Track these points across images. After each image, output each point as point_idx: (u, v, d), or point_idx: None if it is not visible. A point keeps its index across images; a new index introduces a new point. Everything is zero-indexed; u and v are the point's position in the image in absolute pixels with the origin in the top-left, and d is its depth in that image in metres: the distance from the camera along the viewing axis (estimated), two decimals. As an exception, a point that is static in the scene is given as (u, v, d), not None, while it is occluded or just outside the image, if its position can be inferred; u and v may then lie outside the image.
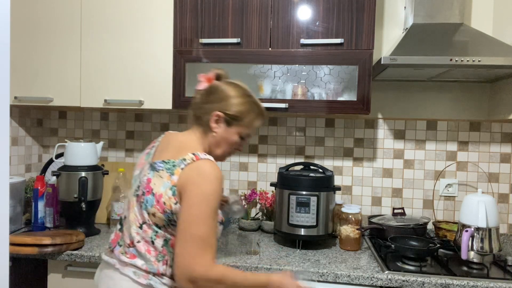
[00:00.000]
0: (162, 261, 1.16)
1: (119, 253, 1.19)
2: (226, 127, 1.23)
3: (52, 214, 1.93)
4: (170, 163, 1.15)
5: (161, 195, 1.13)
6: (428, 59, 1.57)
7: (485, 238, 1.52)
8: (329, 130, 2.12)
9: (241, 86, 1.27)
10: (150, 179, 1.17)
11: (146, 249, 1.15)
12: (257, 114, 1.27)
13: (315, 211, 1.70)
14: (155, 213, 1.14)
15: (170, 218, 1.13)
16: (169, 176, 1.13)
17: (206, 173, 1.10)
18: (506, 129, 2.01)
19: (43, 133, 2.32)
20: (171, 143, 1.24)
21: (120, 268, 1.17)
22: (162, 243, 1.16)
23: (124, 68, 1.87)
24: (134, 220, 1.18)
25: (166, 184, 1.13)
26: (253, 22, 1.78)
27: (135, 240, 1.16)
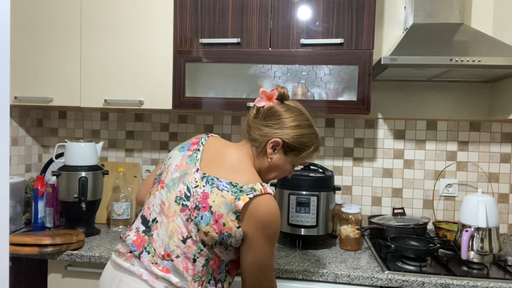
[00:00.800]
0: (199, 282, 1.09)
1: (150, 263, 1.09)
2: (282, 155, 1.19)
3: (52, 214, 1.93)
4: (238, 187, 1.08)
5: (221, 215, 1.06)
6: (428, 59, 1.57)
7: (485, 238, 1.52)
8: (329, 130, 2.12)
9: (304, 114, 1.22)
10: (207, 194, 1.09)
11: (184, 266, 1.08)
12: (316, 147, 1.23)
13: (315, 211, 1.70)
14: (209, 232, 1.07)
15: (224, 241, 1.08)
16: (233, 199, 1.07)
17: (274, 213, 1.12)
18: (506, 129, 2.01)
19: (43, 133, 2.32)
20: (227, 158, 1.16)
21: (149, 280, 1.07)
22: (204, 262, 1.10)
23: (124, 68, 1.87)
24: (176, 231, 1.09)
25: (229, 206, 1.06)
26: (253, 22, 1.78)
27: (173, 254, 1.08)
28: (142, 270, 1.09)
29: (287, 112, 1.19)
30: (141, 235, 1.14)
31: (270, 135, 1.17)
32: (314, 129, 1.23)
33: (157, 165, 2.05)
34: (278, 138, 1.16)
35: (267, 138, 1.17)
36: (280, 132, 1.16)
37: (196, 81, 2.01)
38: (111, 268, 1.17)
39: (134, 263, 1.11)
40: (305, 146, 1.20)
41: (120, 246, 1.18)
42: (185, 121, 2.21)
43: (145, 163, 2.25)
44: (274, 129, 1.17)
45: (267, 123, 1.18)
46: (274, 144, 1.17)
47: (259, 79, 1.95)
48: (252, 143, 1.20)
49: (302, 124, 1.19)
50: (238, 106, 1.81)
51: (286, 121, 1.17)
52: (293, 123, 1.17)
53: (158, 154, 2.24)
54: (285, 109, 1.20)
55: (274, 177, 1.25)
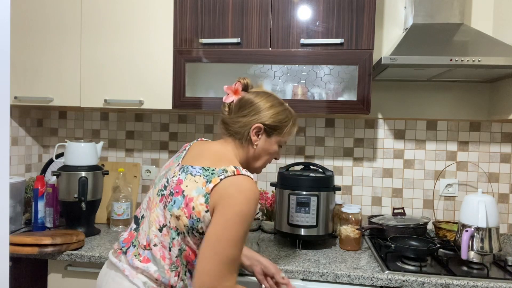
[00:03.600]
0: (175, 272, 1.11)
1: (132, 256, 1.13)
2: (266, 138, 1.23)
3: (52, 214, 1.93)
4: (210, 170, 1.11)
5: (191, 199, 1.08)
6: (428, 59, 1.57)
7: (485, 238, 1.52)
8: (329, 130, 2.12)
9: (273, 94, 1.27)
10: (181, 180, 1.12)
11: (161, 255, 1.11)
12: (294, 121, 1.28)
13: (315, 211, 1.70)
14: (180, 216, 1.09)
15: (194, 226, 1.08)
16: (205, 182, 1.08)
17: (246, 192, 1.07)
18: (506, 129, 2.01)
19: (43, 133, 2.32)
20: (207, 151, 1.20)
21: (129, 275, 1.11)
22: (177, 252, 1.11)
23: (124, 68, 1.87)
24: (155, 220, 1.13)
25: (200, 190, 1.08)
26: (253, 22, 1.78)
27: (152, 243, 1.12)
28: (125, 266, 1.14)
29: (257, 97, 1.23)
30: (132, 233, 1.21)
31: (249, 123, 1.20)
32: (286, 106, 1.28)
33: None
34: (258, 123, 1.20)
35: (248, 127, 1.21)
36: (257, 117, 1.21)
37: (196, 81, 2.02)
38: (106, 265, 1.23)
39: (121, 259, 1.16)
40: (284, 122, 1.24)
41: (116, 244, 1.25)
42: (185, 121, 2.21)
43: (145, 163, 2.25)
44: (251, 116, 1.21)
45: (243, 113, 1.22)
46: (256, 130, 1.21)
47: (259, 79, 1.95)
48: (234, 137, 1.23)
49: (275, 103, 1.24)
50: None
51: (259, 106, 1.22)
52: (267, 105, 1.22)
53: (158, 154, 2.24)
54: (254, 95, 1.24)
55: (265, 162, 1.28)
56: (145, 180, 2.24)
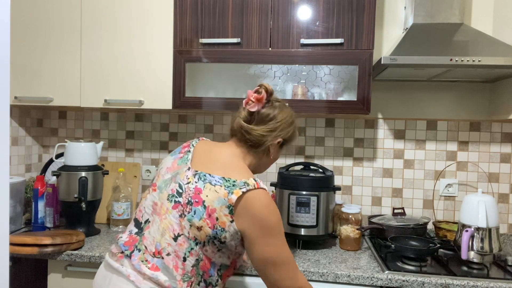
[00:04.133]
0: (188, 282, 1.09)
1: (139, 261, 1.10)
2: (278, 149, 1.29)
3: (52, 214, 1.93)
4: (231, 181, 1.11)
5: (214, 209, 1.08)
6: (428, 59, 1.57)
7: (485, 238, 1.52)
8: (329, 130, 2.12)
9: (289, 109, 1.31)
10: (200, 189, 1.11)
11: (174, 265, 1.08)
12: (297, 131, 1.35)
13: (315, 211, 1.70)
14: (202, 227, 1.08)
15: (218, 235, 1.08)
16: (227, 193, 1.09)
17: (269, 206, 1.12)
18: (506, 129, 2.01)
19: (43, 133, 2.32)
20: (216, 156, 1.20)
21: (135, 281, 1.08)
22: (194, 262, 1.10)
23: (124, 68, 1.87)
24: (168, 228, 1.10)
25: (222, 201, 1.08)
26: (253, 22, 1.78)
27: (164, 252, 1.09)
28: (130, 271, 1.10)
29: (281, 113, 1.26)
30: (133, 236, 1.16)
31: (272, 137, 1.24)
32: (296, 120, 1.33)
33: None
34: (280, 139, 1.25)
35: (269, 141, 1.23)
36: (281, 133, 1.25)
37: (196, 81, 2.02)
38: (103, 268, 1.19)
39: (124, 264, 1.12)
40: (294, 135, 1.31)
41: (113, 247, 1.19)
42: (185, 121, 2.21)
43: (145, 163, 2.25)
44: (276, 131, 1.24)
45: (268, 128, 1.23)
46: (278, 143, 1.26)
47: (259, 79, 1.95)
48: (249, 144, 1.24)
49: (294, 120, 1.30)
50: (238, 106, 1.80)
51: (284, 122, 1.25)
52: (289, 121, 1.27)
53: (158, 154, 2.24)
54: (278, 110, 1.26)
55: (269, 167, 1.35)
56: (145, 180, 2.24)
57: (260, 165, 1.29)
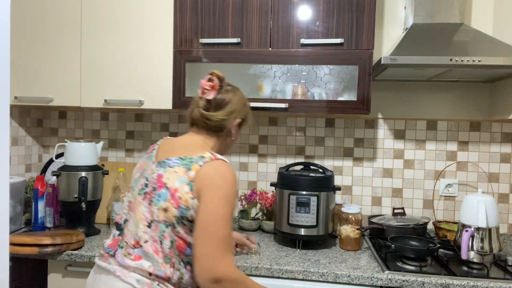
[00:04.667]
0: (170, 263, 1.13)
1: (122, 256, 1.15)
2: (238, 130, 1.34)
3: (52, 214, 1.93)
4: (187, 159, 1.16)
5: (176, 189, 1.12)
6: (428, 59, 1.57)
7: (485, 238, 1.52)
8: (329, 130, 2.12)
9: (240, 90, 1.37)
10: (161, 175, 1.16)
11: (154, 250, 1.13)
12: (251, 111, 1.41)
13: (315, 211, 1.70)
14: (168, 208, 1.12)
15: (183, 215, 1.12)
16: (185, 171, 1.14)
17: (227, 175, 1.14)
18: (506, 129, 2.01)
19: (43, 133, 2.32)
20: (177, 145, 1.25)
21: (121, 276, 1.12)
22: (169, 244, 1.13)
23: (124, 68, 1.87)
24: (141, 218, 1.15)
25: (182, 179, 1.13)
26: (253, 22, 1.78)
27: (142, 240, 1.14)
28: (115, 267, 1.15)
29: (235, 96, 1.33)
30: (116, 238, 1.22)
31: (232, 119, 1.30)
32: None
33: None
34: (239, 119, 1.32)
35: (229, 122, 1.29)
36: (238, 114, 1.32)
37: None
38: (93, 271, 1.24)
39: (111, 262, 1.18)
40: (249, 115, 1.39)
41: (102, 249, 1.25)
42: (185, 121, 2.21)
43: (145, 163, 2.24)
44: (233, 113, 1.30)
45: (226, 111, 1.29)
46: (237, 124, 1.32)
47: (259, 79, 1.95)
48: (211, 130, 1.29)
49: (246, 100, 1.37)
50: (238, 106, 1.81)
51: (239, 103, 1.32)
52: (243, 101, 1.35)
53: (158, 154, 2.24)
54: (232, 94, 1.33)
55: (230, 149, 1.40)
56: (145, 180, 2.24)
57: (224, 147, 1.34)
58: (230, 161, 2.18)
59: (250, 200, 2.06)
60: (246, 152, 2.17)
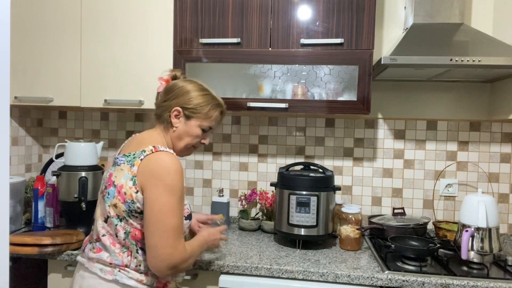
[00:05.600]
0: (126, 253, 1.22)
1: (88, 250, 1.27)
2: (185, 121, 1.31)
3: (52, 214, 1.93)
4: (131, 155, 1.22)
5: (121, 186, 1.19)
6: (428, 59, 1.57)
7: (485, 238, 1.52)
8: (329, 130, 2.12)
9: (197, 82, 1.36)
10: (111, 174, 1.23)
11: (111, 242, 1.22)
12: (214, 106, 1.35)
13: (315, 211, 1.70)
14: (116, 204, 1.19)
15: (131, 208, 1.18)
16: (129, 167, 1.19)
17: (167, 166, 1.16)
18: (506, 129, 2.01)
19: (43, 133, 2.32)
20: (133, 141, 1.31)
21: (88, 267, 1.23)
22: (123, 236, 1.21)
23: (124, 68, 1.87)
24: (100, 215, 1.26)
25: (126, 176, 1.19)
26: (253, 22, 1.78)
27: (100, 234, 1.23)
28: (84, 260, 1.27)
29: (180, 83, 1.34)
30: (90, 234, 1.34)
31: (170, 106, 1.30)
32: (209, 91, 1.36)
33: None
34: (177, 107, 1.30)
35: (168, 110, 1.30)
36: (177, 100, 1.30)
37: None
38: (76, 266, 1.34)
39: (83, 256, 1.30)
40: (203, 107, 1.32)
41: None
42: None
43: (145, 163, 2.24)
44: (171, 100, 1.31)
45: (166, 98, 1.33)
46: (176, 113, 1.30)
47: (259, 79, 1.95)
48: (160, 122, 1.34)
49: (195, 89, 1.33)
50: (238, 106, 1.81)
51: (180, 90, 1.32)
52: (185, 90, 1.32)
53: (158, 154, 2.24)
54: (177, 81, 1.35)
55: (187, 144, 1.34)
56: (145, 180, 2.24)
57: (172, 141, 1.32)
58: (230, 160, 2.18)
59: (250, 200, 2.06)
60: (246, 152, 2.17)
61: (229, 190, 2.19)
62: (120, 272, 1.21)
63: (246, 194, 2.09)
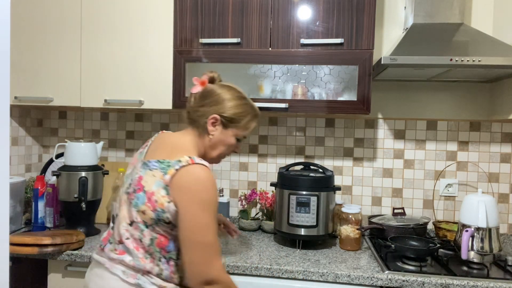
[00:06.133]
0: (150, 259, 1.18)
1: (109, 251, 1.21)
2: (222, 130, 1.26)
3: (52, 214, 1.93)
4: (165, 162, 1.16)
5: (153, 193, 1.14)
6: (428, 59, 1.57)
7: (485, 238, 1.52)
8: (329, 130, 2.12)
9: (236, 88, 1.30)
10: (141, 177, 1.18)
11: (134, 246, 1.17)
12: (253, 116, 1.30)
13: (315, 211, 1.70)
14: (145, 211, 1.15)
15: (160, 217, 1.14)
16: (162, 175, 1.14)
17: (203, 180, 1.13)
18: (506, 129, 2.01)
19: (43, 133, 2.32)
20: (165, 143, 1.25)
21: (109, 267, 1.18)
22: (149, 242, 1.17)
23: (124, 68, 1.87)
24: (124, 217, 1.20)
25: (158, 183, 1.14)
26: (253, 22, 1.78)
27: (124, 237, 1.19)
28: (105, 260, 1.21)
29: (219, 89, 1.28)
30: (109, 231, 1.28)
31: (207, 113, 1.25)
32: (248, 101, 1.31)
33: None
34: (215, 114, 1.24)
35: (205, 117, 1.25)
36: (215, 108, 1.25)
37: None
38: (91, 265, 1.30)
39: (102, 255, 1.24)
40: (242, 117, 1.27)
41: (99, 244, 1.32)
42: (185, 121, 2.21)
43: (145, 163, 2.24)
44: (210, 106, 1.25)
45: (203, 103, 1.27)
46: (213, 120, 1.25)
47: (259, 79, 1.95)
48: (193, 126, 1.28)
49: (235, 97, 1.27)
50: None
51: (219, 97, 1.26)
52: (226, 97, 1.26)
53: (158, 154, 2.24)
54: (216, 87, 1.29)
55: (221, 153, 1.30)
56: (145, 180, 2.24)
57: (206, 149, 1.28)
58: (230, 160, 2.18)
59: (250, 200, 2.06)
60: (246, 152, 2.17)
61: (229, 190, 2.19)
62: (143, 276, 1.17)
63: (246, 194, 2.09)
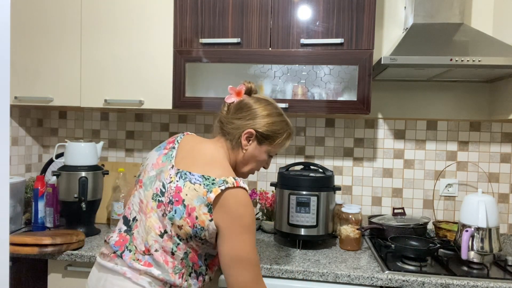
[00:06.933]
0: (179, 274, 1.13)
1: (131, 260, 1.13)
2: (256, 145, 1.23)
3: (52, 214, 1.93)
4: (210, 180, 1.11)
5: (194, 208, 1.09)
6: (428, 59, 1.57)
7: (485, 238, 1.52)
8: (329, 130, 2.12)
9: (273, 103, 1.27)
10: (180, 188, 1.12)
11: (164, 260, 1.12)
12: (288, 134, 1.27)
13: (315, 211, 1.70)
14: (183, 226, 1.10)
15: (198, 234, 1.11)
16: (206, 192, 1.09)
17: (246, 205, 1.11)
18: (506, 129, 2.01)
19: (43, 133, 2.32)
20: (197, 153, 1.19)
21: (132, 277, 1.11)
22: (182, 256, 1.13)
23: (124, 68, 1.87)
24: (153, 227, 1.13)
25: (201, 199, 1.09)
26: (253, 22, 1.78)
27: (152, 249, 1.12)
28: (125, 269, 1.12)
29: (257, 103, 1.23)
30: (123, 235, 1.18)
31: (243, 127, 1.21)
32: (285, 118, 1.27)
33: None
34: (251, 129, 1.20)
35: (240, 130, 1.21)
36: (252, 122, 1.21)
37: (196, 81, 2.01)
38: (96, 270, 1.20)
39: (118, 263, 1.14)
40: (278, 134, 1.24)
41: (104, 248, 1.22)
42: (185, 121, 2.21)
43: (145, 163, 2.24)
44: (246, 120, 1.21)
45: (239, 116, 1.22)
46: (248, 135, 1.21)
47: (259, 79, 1.95)
48: (226, 137, 1.24)
49: (272, 113, 1.23)
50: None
51: (256, 112, 1.22)
52: (264, 113, 1.22)
53: (158, 154, 2.24)
54: (254, 100, 1.24)
55: (251, 169, 1.28)
56: (145, 180, 2.24)
57: (237, 163, 1.25)
58: (230, 161, 2.18)
59: (250, 200, 2.06)
60: (246, 152, 2.17)
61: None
62: None
63: (246, 194, 2.09)
